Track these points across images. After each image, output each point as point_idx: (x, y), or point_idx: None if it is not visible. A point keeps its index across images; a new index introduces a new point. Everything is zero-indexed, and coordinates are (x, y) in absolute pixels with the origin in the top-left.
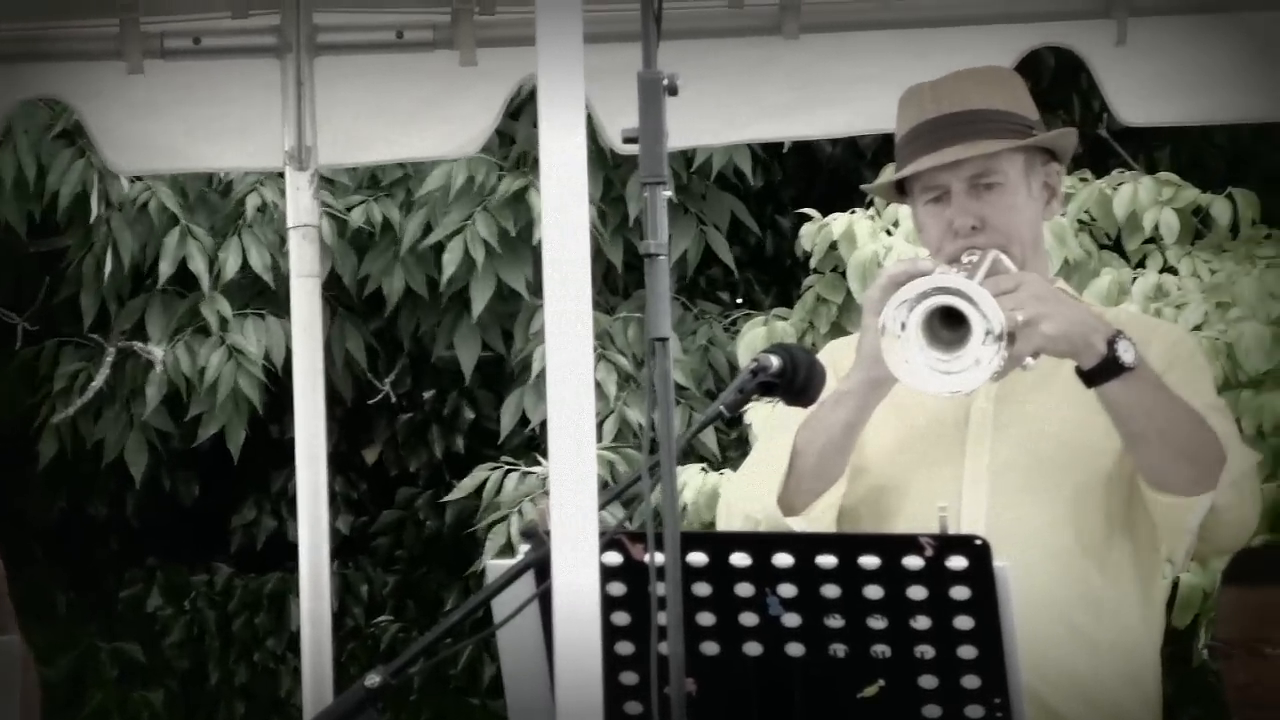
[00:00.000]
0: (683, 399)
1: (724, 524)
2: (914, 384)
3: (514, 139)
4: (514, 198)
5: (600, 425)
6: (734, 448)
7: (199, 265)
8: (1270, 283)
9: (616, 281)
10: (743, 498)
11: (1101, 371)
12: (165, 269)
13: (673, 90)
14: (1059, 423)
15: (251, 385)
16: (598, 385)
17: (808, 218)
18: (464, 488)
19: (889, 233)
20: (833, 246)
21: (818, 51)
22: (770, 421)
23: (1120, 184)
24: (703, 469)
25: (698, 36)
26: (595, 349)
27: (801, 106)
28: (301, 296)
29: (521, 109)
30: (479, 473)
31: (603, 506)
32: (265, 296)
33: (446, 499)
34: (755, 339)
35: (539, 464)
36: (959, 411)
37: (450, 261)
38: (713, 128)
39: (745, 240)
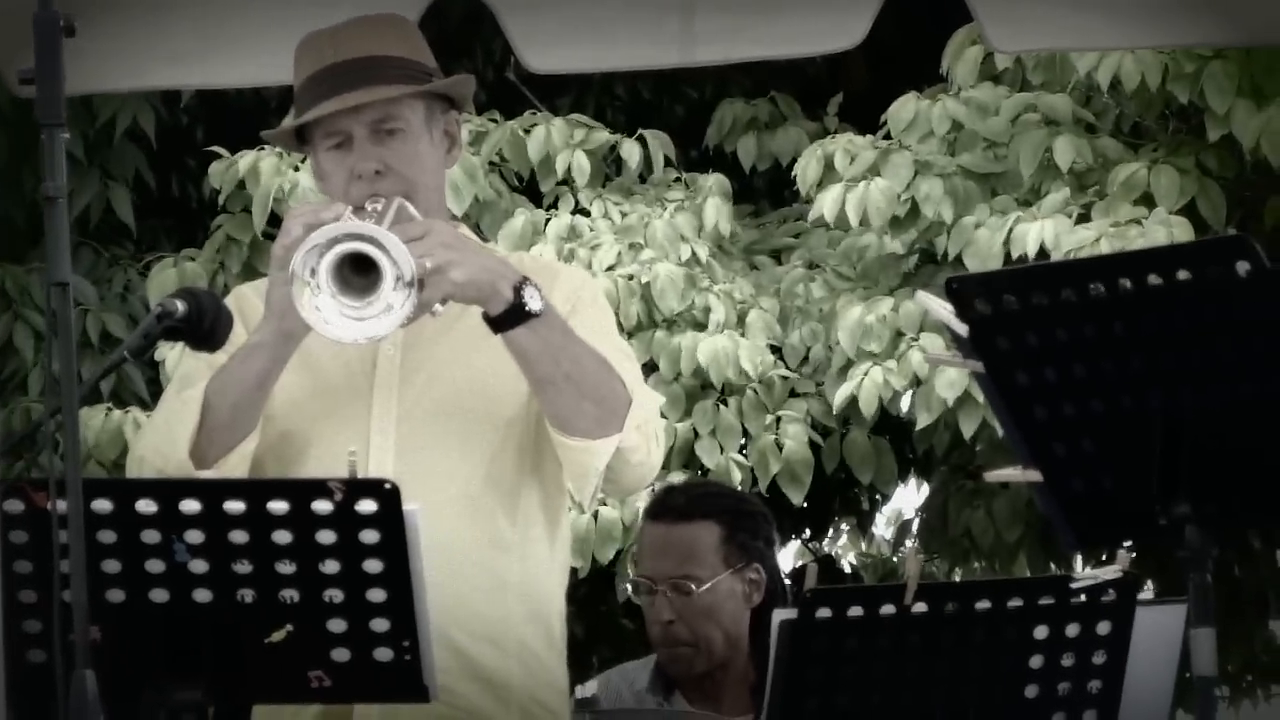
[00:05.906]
0: (107, 349)
1: (134, 476)
2: (325, 331)
3: None
4: None
5: (25, 380)
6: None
7: None
8: (681, 225)
9: (19, 233)
10: (153, 451)
11: (508, 318)
12: None
13: (70, 31)
14: (466, 368)
15: None
16: (16, 349)
17: (217, 156)
18: None
19: (296, 169)
20: (241, 185)
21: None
22: (178, 371)
23: (533, 126)
24: (107, 409)
25: None
26: (11, 308)
27: (204, 56)
28: None
29: None
30: None
31: (1, 454)
32: None
33: None
34: (165, 281)
35: None
36: (366, 359)
37: None
38: (114, 74)
39: (147, 185)
